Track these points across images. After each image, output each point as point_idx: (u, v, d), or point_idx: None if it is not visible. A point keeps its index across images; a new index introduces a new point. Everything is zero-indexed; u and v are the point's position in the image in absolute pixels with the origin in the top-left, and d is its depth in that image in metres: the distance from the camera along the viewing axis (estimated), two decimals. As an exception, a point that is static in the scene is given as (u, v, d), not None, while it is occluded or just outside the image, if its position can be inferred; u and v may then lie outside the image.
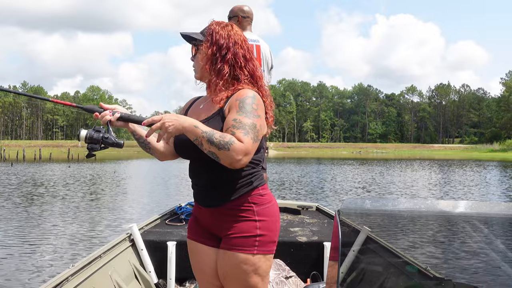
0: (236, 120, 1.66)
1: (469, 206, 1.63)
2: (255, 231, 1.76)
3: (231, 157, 1.59)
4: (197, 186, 1.85)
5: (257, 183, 1.81)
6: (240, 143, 1.60)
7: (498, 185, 18.51)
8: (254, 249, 1.75)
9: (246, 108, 1.69)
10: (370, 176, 23.29)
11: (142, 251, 3.37)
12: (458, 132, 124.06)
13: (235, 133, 1.63)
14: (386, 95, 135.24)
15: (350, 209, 1.72)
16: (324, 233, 3.67)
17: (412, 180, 20.79)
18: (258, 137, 1.68)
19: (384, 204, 1.77)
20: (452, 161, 43.43)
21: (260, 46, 4.02)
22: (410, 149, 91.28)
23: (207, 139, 1.60)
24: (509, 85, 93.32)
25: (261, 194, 1.81)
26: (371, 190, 16.03)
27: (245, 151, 1.61)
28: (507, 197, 14.18)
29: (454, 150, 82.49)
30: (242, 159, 1.61)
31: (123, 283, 2.97)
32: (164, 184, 18.12)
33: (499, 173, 25.81)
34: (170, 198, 13.23)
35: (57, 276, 2.44)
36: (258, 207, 1.79)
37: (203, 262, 1.90)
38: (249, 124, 1.66)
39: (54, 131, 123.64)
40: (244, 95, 1.73)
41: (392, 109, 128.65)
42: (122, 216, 10.10)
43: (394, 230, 1.79)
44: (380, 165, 34.22)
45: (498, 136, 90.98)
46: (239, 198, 1.77)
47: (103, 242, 6.79)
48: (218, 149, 1.59)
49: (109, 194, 14.55)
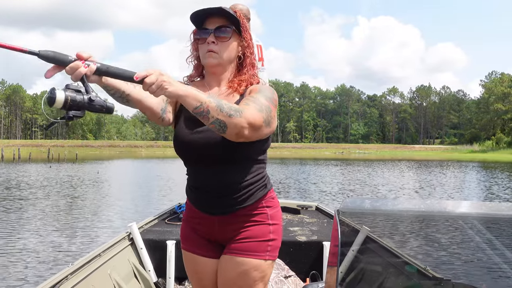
0: (254, 97, 1.53)
1: (469, 206, 1.64)
2: (268, 235, 1.69)
3: (241, 124, 1.41)
4: (207, 193, 1.66)
5: (270, 185, 1.75)
6: (252, 112, 1.45)
7: (477, 185, 18.82)
8: (266, 255, 1.67)
9: (266, 93, 1.57)
10: (356, 176, 23.45)
11: (142, 250, 3.36)
12: (438, 133, 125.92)
13: (248, 104, 1.48)
14: (368, 96, 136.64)
15: (350, 209, 1.71)
16: (323, 232, 3.67)
17: (400, 181, 20.99)
18: (269, 122, 1.53)
19: (384, 204, 1.77)
20: (434, 162, 44.03)
21: (261, 46, 4.05)
22: (391, 149, 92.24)
23: (216, 104, 1.38)
24: (489, 87, 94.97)
25: (272, 197, 1.75)
26: (355, 190, 16.13)
27: (253, 121, 1.44)
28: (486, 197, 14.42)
29: (435, 151, 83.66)
30: (249, 129, 1.44)
31: (122, 282, 2.96)
32: (165, 184, 17.90)
33: (479, 174, 26.24)
34: (170, 196, 13.09)
35: (56, 275, 2.41)
36: (272, 211, 1.72)
37: (201, 273, 1.78)
38: (265, 104, 1.52)
39: (34, 131, 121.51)
40: (262, 85, 1.66)
41: (374, 110, 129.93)
42: (119, 216, 9.99)
43: (394, 230, 1.79)
44: (367, 166, 34.48)
45: (477, 138, 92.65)
46: (255, 203, 1.67)
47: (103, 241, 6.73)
48: (229, 115, 1.39)
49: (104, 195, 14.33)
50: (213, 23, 1.63)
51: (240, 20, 1.65)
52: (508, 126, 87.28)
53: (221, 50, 1.63)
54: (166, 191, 15.41)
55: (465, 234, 1.62)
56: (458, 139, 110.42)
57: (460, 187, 18.06)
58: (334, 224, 1.63)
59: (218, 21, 1.63)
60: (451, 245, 1.67)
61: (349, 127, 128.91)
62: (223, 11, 1.61)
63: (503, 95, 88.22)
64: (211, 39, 1.62)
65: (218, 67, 1.67)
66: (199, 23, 1.66)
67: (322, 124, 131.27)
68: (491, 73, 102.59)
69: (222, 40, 1.63)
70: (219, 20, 1.63)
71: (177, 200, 4.77)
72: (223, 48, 1.63)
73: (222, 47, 1.63)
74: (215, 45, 1.62)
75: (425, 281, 1.69)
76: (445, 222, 1.68)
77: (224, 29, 1.62)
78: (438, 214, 1.65)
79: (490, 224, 1.60)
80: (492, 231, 1.59)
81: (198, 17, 1.64)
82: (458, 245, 1.66)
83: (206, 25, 1.64)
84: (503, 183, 19.45)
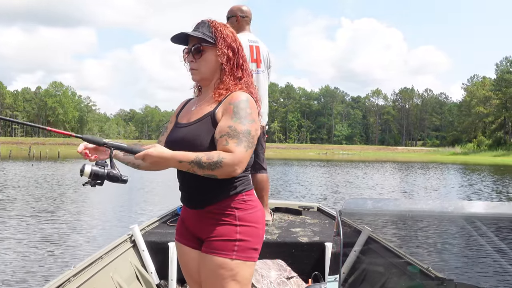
0: (231, 128, 1.68)
1: (472, 206, 1.65)
2: (234, 235, 1.75)
3: (227, 172, 1.63)
4: (182, 187, 1.86)
5: (241, 188, 1.80)
6: (230, 155, 1.63)
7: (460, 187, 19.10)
8: (232, 254, 1.73)
9: (241, 114, 1.70)
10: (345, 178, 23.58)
11: (144, 252, 3.36)
12: (421, 135, 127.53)
13: (228, 143, 1.65)
14: (352, 98, 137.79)
15: (351, 210, 1.70)
16: (325, 233, 3.68)
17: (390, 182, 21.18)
18: (253, 143, 1.69)
19: (386, 204, 1.77)
20: (417, 164, 44.51)
21: (259, 47, 4.06)
22: (375, 151, 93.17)
23: (197, 167, 1.63)
24: (470, 90, 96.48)
25: (244, 199, 1.80)
26: (341, 192, 16.22)
27: (238, 162, 1.63)
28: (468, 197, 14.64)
29: (417, 153, 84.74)
30: (237, 169, 1.64)
31: (124, 284, 2.95)
32: (166, 185, 17.69)
33: (461, 176, 26.64)
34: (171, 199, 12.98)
35: (58, 277, 2.42)
36: (240, 212, 1.78)
37: (189, 264, 1.93)
38: (244, 131, 1.67)
39: (14, 128, 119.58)
40: (238, 99, 1.74)
41: (357, 112, 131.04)
42: (120, 218, 9.86)
43: (396, 230, 1.79)
44: (354, 167, 34.70)
45: (459, 140, 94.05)
46: (221, 202, 1.77)
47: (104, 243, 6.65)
48: (212, 170, 1.62)
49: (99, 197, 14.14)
50: (192, 41, 1.83)
51: (215, 33, 1.81)
52: (489, 129, 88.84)
53: (200, 65, 1.82)
54: (166, 192, 15.25)
55: (468, 234, 1.62)
56: (440, 141, 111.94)
57: (443, 188, 18.29)
58: (336, 225, 1.63)
59: (193, 40, 1.82)
60: (453, 245, 1.67)
61: (333, 128, 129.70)
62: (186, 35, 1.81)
63: (485, 98, 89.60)
64: (189, 58, 1.84)
65: (202, 81, 1.87)
66: (185, 42, 1.86)
67: (306, 125, 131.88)
68: (472, 76, 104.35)
69: (198, 57, 1.81)
70: (195, 38, 1.81)
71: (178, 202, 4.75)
72: (201, 63, 1.82)
73: (200, 62, 1.82)
74: (194, 63, 1.82)
75: (427, 281, 1.69)
76: (448, 222, 1.68)
77: (197, 48, 1.81)
78: (440, 214, 1.65)
79: (494, 224, 1.61)
80: (495, 231, 1.60)
81: (179, 39, 1.85)
82: (461, 245, 1.66)
83: (189, 43, 1.84)
84: (484, 184, 19.77)
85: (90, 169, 1.66)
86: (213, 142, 1.72)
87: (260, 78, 4.00)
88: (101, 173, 1.66)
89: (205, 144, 1.72)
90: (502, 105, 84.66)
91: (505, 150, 71.69)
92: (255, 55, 4.00)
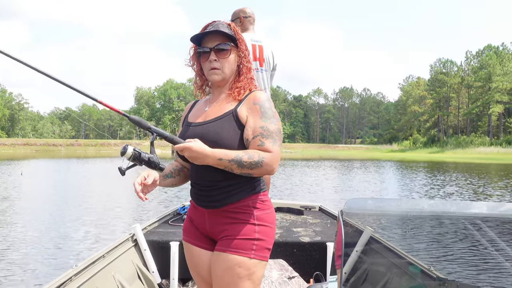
0: (264, 128, 1.71)
1: (473, 206, 1.67)
2: (253, 234, 1.76)
3: (266, 171, 1.67)
4: (199, 186, 1.82)
5: (259, 188, 1.82)
6: (269, 154, 1.68)
7: (398, 182, 19.90)
8: (251, 253, 1.74)
9: (268, 113, 1.74)
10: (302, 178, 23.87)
11: (145, 251, 3.37)
12: (359, 133, 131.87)
13: (264, 143, 1.69)
14: (294, 97, 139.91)
15: (353, 210, 1.70)
16: (327, 233, 3.71)
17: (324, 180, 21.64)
18: (281, 141, 1.76)
19: (387, 204, 1.76)
20: (358, 161, 45.94)
21: (262, 46, 4.08)
22: (316, 149, 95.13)
23: (237, 165, 1.65)
24: (406, 90, 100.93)
25: (262, 200, 1.82)
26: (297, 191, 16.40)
27: (276, 160, 1.68)
28: (405, 194, 15.27)
29: (357, 150, 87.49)
30: (274, 168, 1.68)
31: (126, 283, 2.96)
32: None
33: (399, 172, 27.78)
34: (172, 198, 12.54)
35: (60, 276, 2.40)
36: (259, 212, 1.79)
37: (198, 265, 1.90)
38: (275, 130, 1.73)
39: None
40: (261, 98, 1.77)
41: (299, 110, 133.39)
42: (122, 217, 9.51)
43: (397, 231, 1.79)
44: (294, 166, 35.21)
45: (396, 138, 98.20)
46: (241, 201, 1.77)
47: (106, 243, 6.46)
48: (251, 169, 1.66)
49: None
50: (212, 41, 1.79)
51: (236, 35, 1.81)
52: (423, 127, 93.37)
53: (223, 66, 1.80)
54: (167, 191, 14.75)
55: (470, 235, 1.64)
56: (378, 139, 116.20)
57: (383, 184, 18.97)
58: (337, 225, 1.61)
59: (217, 39, 1.79)
60: (455, 246, 1.69)
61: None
62: (221, 32, 1.77)
63: (420, 97, 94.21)
64: (212, 57, 1.78)
65: (222, 81, 1.84)
66: (198, 41, 1.83)
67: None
68: (408, 77, 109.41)
69: (222, 57, 1.79)
70: (217, 37, 1.79)
71: (179, 202, 4.65)
72: (224, 64, 1.80)
73: (224, 63, 1.80)
74: (216, 62, 1.79)
75: (429, 281, 1.70)
76: (449, 223, 1.70)
77: (223, 46, 1.79)
78: (442, 214, 1.67)
79: (495, 225, 1.64)
80: (496, 232, 1.63)
81: (197, 36, 1.81)
82: (462, 246, 1.68)
83: (206, 43, 1.80)
84: (417, 179, 20.72)
85: (132, 150, 1.67)
86: (236, 139, 1.72)
87: (262, 77, 4.06)
88: (142, 156, 1.67)
89: (228, 140, 1.71)
90: (436, 105, 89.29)
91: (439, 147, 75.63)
92: (258, 54, 4.05)
